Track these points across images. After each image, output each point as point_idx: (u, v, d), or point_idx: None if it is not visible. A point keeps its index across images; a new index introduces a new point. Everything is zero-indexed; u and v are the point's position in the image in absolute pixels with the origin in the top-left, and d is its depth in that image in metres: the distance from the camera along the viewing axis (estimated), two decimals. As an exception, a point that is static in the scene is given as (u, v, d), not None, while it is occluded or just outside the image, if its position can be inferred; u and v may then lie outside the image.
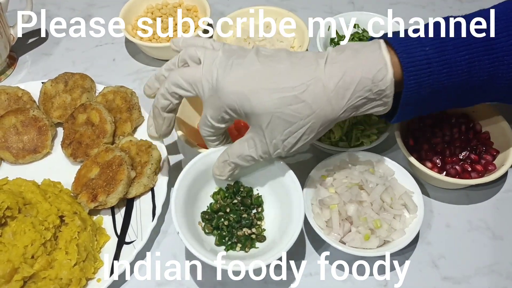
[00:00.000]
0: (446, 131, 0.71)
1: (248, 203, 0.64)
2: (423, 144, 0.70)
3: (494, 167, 0.68)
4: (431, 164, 0.69)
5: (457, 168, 0.68)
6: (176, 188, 0.60)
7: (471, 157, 0.69)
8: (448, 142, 0.71)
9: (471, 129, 0.72)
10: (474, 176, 0.67)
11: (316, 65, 0.52)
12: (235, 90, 0.53)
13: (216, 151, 0.62)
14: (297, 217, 0.59)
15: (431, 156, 0.69)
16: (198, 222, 0.63)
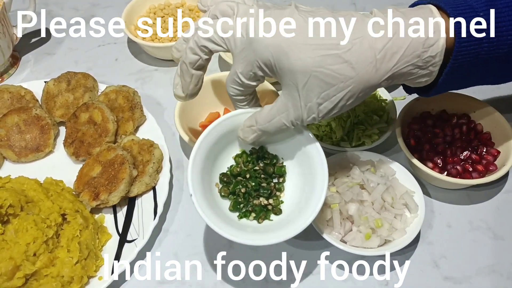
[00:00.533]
0: (448, 132, 0.71)
1: (270, 172, 0.60)
2: (424, 144, 0.70)
3: (495, 167, 0.68)
4: (432, 164, 0.69)
5: (458, 168, 0.68)
6: (197, 147, 0.56)
7: (472, 157, 0.69)
8: (450, 142, 0.71)
9: (472, 130, 0.72)
10: (475, 176, 0.67)
11: (362, 24, 0.48)
12: (272, 43, 0.48)
13: (244, 112, 0.58)
14: (318, 195, 0.56)
15: (432, 156, 0.69)
16: (215, 183, 0.60)
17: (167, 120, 0.82)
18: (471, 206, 0.70)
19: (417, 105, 0.73)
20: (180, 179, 0.75)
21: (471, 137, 0.71)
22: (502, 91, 0.83)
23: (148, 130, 0.77)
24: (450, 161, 0.69)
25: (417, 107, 0.74)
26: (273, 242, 0.54)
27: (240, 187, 0.59)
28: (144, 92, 0.86)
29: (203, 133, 0.57)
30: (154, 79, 0.90)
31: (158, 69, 0.91)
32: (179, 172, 0.76)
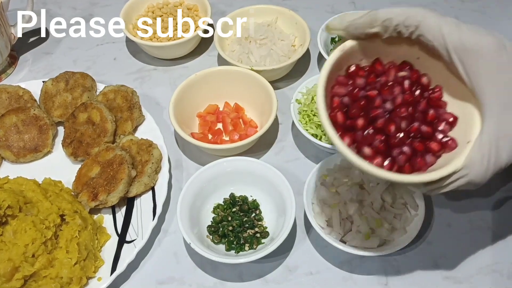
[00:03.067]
0: (386, 94, 0.50)
1: (246, 209, 0.68)
2: (357, 119, 0.50)
3: (454, 143, 0.49)
4: (371, 151, 0.49)
5: (406, 151, 0.49)
6: (179, 211, 0.63)
7: (421, 130, 0.50)
8: (390, 111, 0.50)
9: (416, 84, 0.52)
10: (429, 160, 0.49)
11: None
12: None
13: (205, 169, 0.68)
14: (289, 212, 0.63)
15: (371, 137, 0.49)
16: (206, 235, 0.66)
17: (166, 119, 0.82)
18: (471, 206, 0.69)
19: (340, 59, 0.51)
20: (179, 179, 0.75)
21: (417, 97, 0.52)
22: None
23: (147, 130, 0.77)
24: (395, 143, 0.49)
25: (341, 62, 0.52)
26: (266, 253, 0.60)
27: (228, 227, 0.65)
28: (143, 91, 0.86)
29: (178, 201, 0.64)
30: (153, 78, 0.90)
31: (157, 69, 0.91)
32: (178, 172, 0.76)
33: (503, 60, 0.45)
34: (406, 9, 0.47)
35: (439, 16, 0.46)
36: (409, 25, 0.47)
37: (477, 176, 0.45)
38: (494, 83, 0.45)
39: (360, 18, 0.49)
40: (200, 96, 0.79)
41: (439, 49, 0.46)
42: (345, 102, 0.51)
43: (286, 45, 0.86)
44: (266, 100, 0.75)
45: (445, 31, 0.45)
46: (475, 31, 0.45)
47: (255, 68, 0.79)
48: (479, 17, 0.97)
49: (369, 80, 0.52)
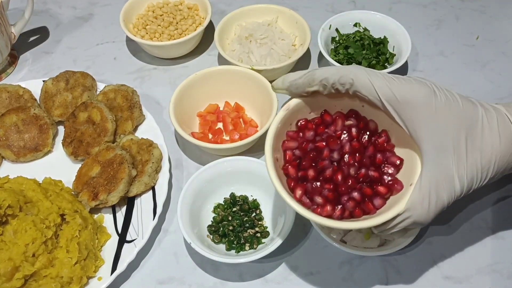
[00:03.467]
0: (333, 145, 0.53)
1: (246, 208, 0.68)
2: (308, 170, 0.53)
3: (400, 185, 0.52)
4: (322, 200, 0.52)
5: (355, 197, 0.52)
6: (179, 211, 0.64)
7: (369, 175, 0.53)
8: (339, 160, 0.53)
9: (364, 131, 0.55)
10: (377, 203, 0.52)
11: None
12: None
13: (205, 169, 0.68)
14: (290, 212, 0.63)
15: (320, 188, 0.52)
16: (206, 235, 0.66)
17: (166, 119, 0.82)
18: (471, 206, 0.69)
19: (287, 117, 0.55)
20: (179, 178, 0.75)
21: (365, 144, 0.55)
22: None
23: (147, 130, 0.77)
24: (343, 190, 0.52)
25: (289, 119, 0.56)
26: (267, 252, 0.60)
27: (228, 227, 0.65)
28: (143, 91, 0.86)
29: (179, 201, 0.64)
30: (153, 78, 0.89)
31: (157, 68, 0.91)
32: (178, 172, 0.76)
33: (433, 107, 0.48)
34: (339, 68, 0.51)
35: (371, 72, 0.50)
36: (344, 82, 0.50)
37: (420, 217, 0.49)
38: (428, 129, 0.48)
39: (300, 78, 0.54)
40: (200, 96, 0.79)
41: (375, 102, 0.50)
42: (297, 155, 0.55)
43: (287, 45, 0.86)
44: (266, 99, 0.75)
45: (377, 86, 0.49)
46: (406, 82, 0.49)
47: (255, 68, 0.79)
48: (479, 16, 0.97)
49: (318, 131, 0.56)
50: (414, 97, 0.48)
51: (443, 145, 0.48)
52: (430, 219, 0.49)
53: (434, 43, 0.92)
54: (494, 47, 0.91)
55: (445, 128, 0.48)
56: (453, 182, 0.48)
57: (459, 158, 0.48)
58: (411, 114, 0.48)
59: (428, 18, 0.97)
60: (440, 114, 0.48)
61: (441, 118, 0.48)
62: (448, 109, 0.48)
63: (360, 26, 0.88)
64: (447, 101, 0.48)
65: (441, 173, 0.48)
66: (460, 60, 0.89)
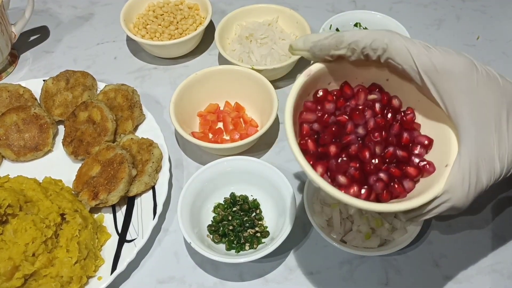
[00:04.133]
0: (358, 119, 0.48)
1: (246, 208, 0.68)
2: (329, 146, 0.47)
3: (432, 167, 0.47)
4: (347, 180, 0.46)
5: (383, 178, 0.46)
6: (179, 211, 0.63)
7: (397, 155, 0.48)
8: (363, 136, 0.48)
9: (387, 107, 0.50)
10: (407, 186, 0.47)
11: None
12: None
13: (206, 169, 0.68)
14: (290, 212, 0.63)
15: (345, 165, 0.46)
16: (206, 235, 0.66)
17: (166, 118, 0.82)
18: (472, 206, 0.69)
19: (307, 84, 0.49)
20: (180, 178, 0.75)
21: (390, 121, 0.50)
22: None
23: (147, 129, 0.77)
24: (371, 170, 0.46)
25: (308, 87, 0.50)
26: (267, 252, 0.60)
27: (228, 226, 0.65)
28: (143, 90, 0.86)
29: (179, 200, 0.64)
30: (153, 77, 0.89)
31: (157, 68, 0.91)
32: (179, 171, 0.76)
33: (475, 80, 0.44)
34: (372, 31, 0.46)
35: (407, 39, 0.45)
36: (376, 48, 0.45)
37: (459, 200, 0.44)
38: (468, 104, 0.44)
39: (326, 39, 0.48)
40: (200, 95, 0.79)
41: (410, 72, 0.45)
42: (315, 129, 0.49)
43: (287, 44, 0.86)
44: (266, 99, 0.75)
45: (414, 54, 0.44)
46: (445, 52, 0.45)
47: (255, 68, 0.79)
48: (480, 16, 0.97)
49: (338, 104, 0.50)
50: (455, 68, 0.44)
51: (484, 121, 0.44)
52: (468, 203, 0.45)
53: (434, 43, 0.91)
54: (495, 47, 0.91)
55: (486, 104, 0.44)
56: (493, 163, 0.44)
57: (501, 137, 0.44)
58: (451, 86, 0.44)
59: (428, 18, 0.97)
60: (482, 88, 0.44)
61: (482, 93, 0.44)
62: (489, 84, 0.44)
63: (360, 26, 0.88)
64: (488, 76, 0.45)
65: (482, 152, 0.43)
66: (461, 60, 0.89)
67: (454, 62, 0.44)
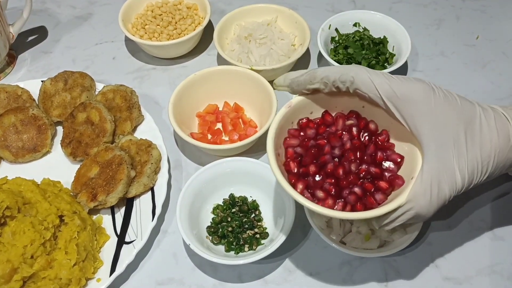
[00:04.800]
0: (335, 142, 0.55)
1: (246, 209, 0.68)
2: (309, 166, 0.54)
3: (401, 181, 0.52)
4: (323, 194, 0.52)
5: (356, 192, 0.52)
6: (178, 213, 0.63)
7: (371, 172, 0.53)
8: (340, 156, 0.55)
9: (364, 130, 0.57)
10: (379, 198, 0.52)
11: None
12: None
13: (205, 170, 0.68)
14: (289, 213, 0.63)
15: (321, 182, 0.53)
16: (205, 236, 0.66)
17: (165, 119, 0.82)
18: (471, 207, 0.69)
19: (289, 115, 0.57)
20: (178, 179, 0.75)
21: (365, 142, 0.56)
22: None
23: (146, 130, 0.77)
24: (345, 184, 0.53)
25: (291, 117, 0.57)
26: (266, 254, 0.60)
27: (227, 228, 0.65)
28: (142, 91, 0.85)
29: (178, 202, 0.64)
30: (152, 78, 0.89)
31: (156, 68, 0.91)
32: (177, 172, 0.75)
33: (432, 103, 0.49)
34: (341, 67, 0.53)
35: (371, 71, 0.51)
36: (345, 80, 0.52)
37: (422, 208, 0.49)
38: (427, 124, 0.49)
39: (301, 76, 0.55)
40: (199, 96, 0.79)
41: (375, 99, 0.51)
42: (299, 152, 0.55)
43: (286, 45, 0.85)
44: (266, 100, 0.75)
45: (377, 83, 0.50)
46: (405, 80, 0.50)
47: (254, 68, 0.78)
48: (479, 16, 0.96)
49: (319, 130, 0.57)
50: (414, 93, 0.49)
51: (443, 139, 0.48)
52: (432, 211, 0.49)
53: (434, 43, 0.92)
54: (495, 47, 0.91)
55: (444, 123, 0.49)
56: (454, 175, 0.49)
57: (460, 152, 0.49)
58: (411, 110, 0.49)
59: (428, 18, 0.97)
60: (439, 109, 0.49)
61: (440, 113, 0.49)
62: (447, 105, 0.49)
63: (360, 26, 0.88)
64: (446, 98, 0.50)
65: (442, 165, 0.48)
66: (461, 60, 0.89)
67: (412, 88, 0.49)
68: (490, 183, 0.68)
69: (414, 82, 0.50)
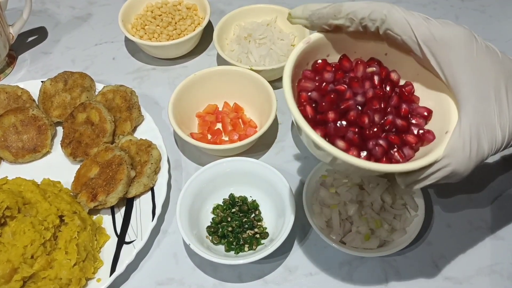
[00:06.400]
0: (357, 88, 0.49)
1: (246, 209, 0.68)
2: (327, 113, 0.47)
3: (432, 135, 0.47)
4: (345, 144, 0.46)
5: (382, 144, 0.46)
6: (178, 213, 0.63)
7: (397, 124, 0.48)
8: (363, 104, 0.49)
9: (386, 80, 0.51)
10: (407, 153, 0.47)
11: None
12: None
13: (205, 170, 0.68)
14: (289, 213, 0.63)
15: (344, 129, 0.47)
16: (205, 236, 0.66)
17: (165, 120, 0.82)
18: (471, 206, 0.69)
19: (306, 53, 0.50)
20: (178, 179, 0.75)
21: (389, 92, 0.50)
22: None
23: (146, 130, 0.77)
24: (371, 135, 0.46)
25: (307, 56, 0.50)
26: (266, 253, 0.60)
27: (227, 228, 0.65)
28: (142, 91, 0.86)
29: (178, 202, 0.64)
30: (152, 78, 0.89)
31: (156, 68, 0.91)
32: (177, 173, 0.75)
33: (474, 51, 0.44)
34: (371, 2, 0.46)
35: (406, 11, 0.45)
36: (375, 19, 0.46)
37: (461, 165, 0.44)
38: (468, 73, 0.44)
39: (324, 8, 0.48)
40: (199, 96, 0.79)
41: (409, 43, 0.45)
42: (313, 97, 0.49)
43: (286, 45, 0.86)
44: (265, 100, 0.75)
45: (413, 24, 0.44)
46: (445, 23, 0.45)
47: (254, 68, 0.78)
48: (479, 16, 0.97)
49: (337, 76, 0.50)
50: (455, 38, 0.44)
51: (484, 91, 0.44)
52: (470, 168, 0.44)
53: (433, 43, 0.92)
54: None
55: (486, 74, 0.44)
56: (495, 131, 0.44)
57: (501, 107, 0.44)
58: (450, 56, 0.44)
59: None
60: (481, 59, 0.44)
61: (482, 63, 0.44)
62: (489, 56, 0.45)
63: (359, 26, 0.88)
64: (487, 49, 0.45)
65: (483, 119, 0.44)
66: (460, 60, 0.89)
67: (453, 32, 0.44)
68: (490, 182, 0.68)
69: (455, 26, 0.44)
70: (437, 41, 0.44)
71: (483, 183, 0.70)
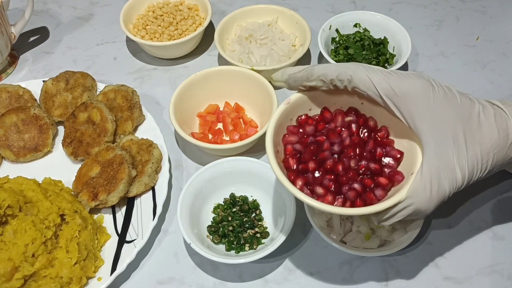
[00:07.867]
0: (333, 138, 0.55)
1: (246, 209, 0.68)
2: (308, 163, 0.53)
3: (401, 176, 0.52)
4: (323, 190, 0.52)
5: (356, 188, 0.52)
6: (179, 212, 0.64)
7: (370, 168, 0.53)
8: (339, 152, 0.54)
9: (363, 127, 0.56)
10: (379, 194, 0.52)
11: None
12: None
13: (205, 169, 0.68)
14: (289, 213, 0.63)
15: (321, 178, 0.53)
16: (206, 235, 0.66)
17: (166, 119, 0.82)
18: (471, 206, 0.69)
19: (287, 112, 0.56)
20: (179, 179, 0.75)
21: (365, 138, 0.56)
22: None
23: (147, 130, 0.77)
24: (344, 180, 0.52)
25: (289, 114, 0.57)
26: (267, 253, 0.60)
27: (228, 227, 0.65)
28: (143, 91, 0.86)
29: (179, 201, 0.65)
30: (153, 78, 0.89)
31: (157, 68, 0.91)
32: (178, 172, 0.76)
33: (431, 99, 0.49)
34: (339, 65, 0.52)
35: (368, 68, 0.50)
36: (343, 79, 0.51)
37: (422, 204, 0.48)
38: (427, 121, 0.49)
39: (299, 72, 0.55)
40: (200, 96, 0.79)
41: (374, 97, 0.50)
42: (298, 149, 0.55)
43: (287, 45, 0.86)
44: (266, 100, 0.75)
45: (375, 81, 0.50)
46: (403, 76, 0.50)
47: (255, 68, 0.79)
48: (479, 17, 0.97)
49: (319, 127, 0.57)
50: (412, 90, 0.49)
51: (443, 136, 0.48)
52: (432, 207, 0.49)
53: (434, 44, 0.92)
54: (495, 48, 0.91)
55: (444, 120, 0.48)
56: (454, 171, 0.48)
57: (459, 149, 0.48)
58: (410, 106, 0.49)
59: (428, 18, 0.97)
60: (438, 106, 0.49)
61: (439, 110, 0.49)
62: (446, 102, 0.49)
63: (360, 27, 0.88)
64: (445, 95, 0.49)
65: (442, 162, 0.48)
66: (461, 61, 0.89)
67: (410, 85, 0.49)
68: (490, 182, 0.68)
69: (413, 78, 0.50)
70: (397, 95, 0.49)
71: (484, 184, 0.70)
